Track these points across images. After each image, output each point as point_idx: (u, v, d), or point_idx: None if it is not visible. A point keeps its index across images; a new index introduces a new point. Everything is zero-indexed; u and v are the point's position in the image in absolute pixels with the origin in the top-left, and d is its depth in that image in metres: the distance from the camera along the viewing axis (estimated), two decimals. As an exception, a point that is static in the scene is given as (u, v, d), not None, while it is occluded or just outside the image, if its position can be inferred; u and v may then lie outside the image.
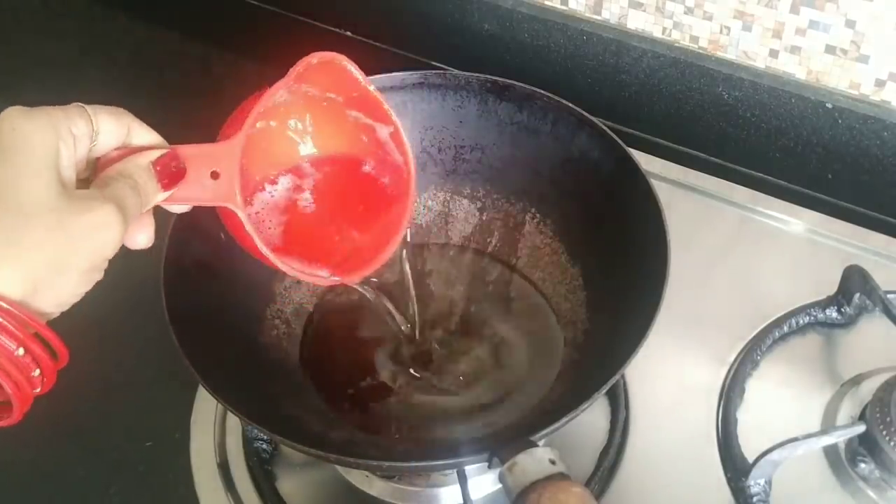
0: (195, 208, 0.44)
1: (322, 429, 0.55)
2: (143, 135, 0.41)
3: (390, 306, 0.56)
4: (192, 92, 0.91)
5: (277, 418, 0.53)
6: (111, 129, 0.39)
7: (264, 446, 0.58)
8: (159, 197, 0.40)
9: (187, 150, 0.41)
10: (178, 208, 0.43)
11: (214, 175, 0.42)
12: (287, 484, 0.57)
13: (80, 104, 0.39)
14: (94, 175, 0.40)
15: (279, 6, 0.97)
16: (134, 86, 0.93)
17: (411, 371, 0.59)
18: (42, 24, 1.04)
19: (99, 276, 0.37)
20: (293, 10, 0.96)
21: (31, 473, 0.59)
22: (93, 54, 0.98)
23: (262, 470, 0.57)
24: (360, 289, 0.54)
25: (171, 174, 0.40)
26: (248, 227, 0.42)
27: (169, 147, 0.41)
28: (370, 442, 0.55)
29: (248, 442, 0.58)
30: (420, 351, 0.59)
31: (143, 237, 0.41)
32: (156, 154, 0.40)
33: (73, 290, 0.36)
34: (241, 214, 0.42)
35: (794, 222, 0.69)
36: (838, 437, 0.54)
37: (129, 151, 0.40)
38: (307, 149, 0.51)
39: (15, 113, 0.36)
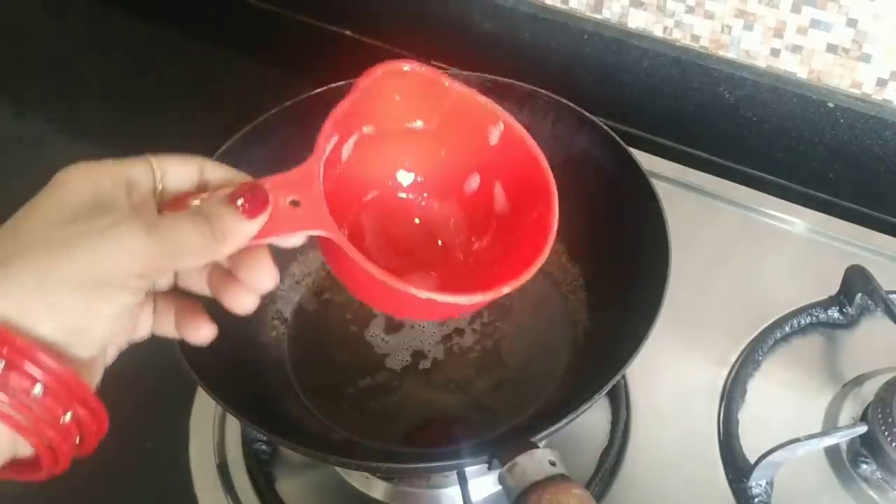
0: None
1: (321, 430, 0.55)
2: (220, 172, 0.39)
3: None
4: (192, 92, 0.91)
5: (276, 419, 0.53)
6: (178, 171, 0.38)
7: (263, 447, 0.58)
8: (247, 229, 0.37)
9: (265, 182, 0.38)
10: (285, 242, 0.39)
11: (294, 203, 0.38)
12: (286, 485, 0.57)
13: (146, 155, 0.38)
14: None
15: (279, 6, 0.97)
16: (134, 86, 0.94)
17: (410, 371, 0.58)
18: (42, 24, 1.04)
19: (120, 296, 0.33)
20: (293, 9, 0.96)
21: (30, 474, 0.59)
22: (93, 54, 0.98)
23: (262, 471, 0.57)
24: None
25: (251, 202, 0.37)
26: (348, 250, 0.38)
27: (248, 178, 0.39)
28: (369, 443, 0.54)
29: (247, 443, 0.58)
30: (419, 351, 0.59)
31: (264, 277, 0.38)
32: (230, 188, 0.37)
33: (87, 310, 0.32)
34: (335, 237, 0.38)
35: (796, 222, 0.69)
36: (840, 438, 0.54)
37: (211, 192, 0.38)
38: (406, 165, 0.48)
39: (71, 166, 0.35)
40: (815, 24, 0.67)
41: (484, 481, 0.54)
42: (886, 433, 0.52)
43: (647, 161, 0.66)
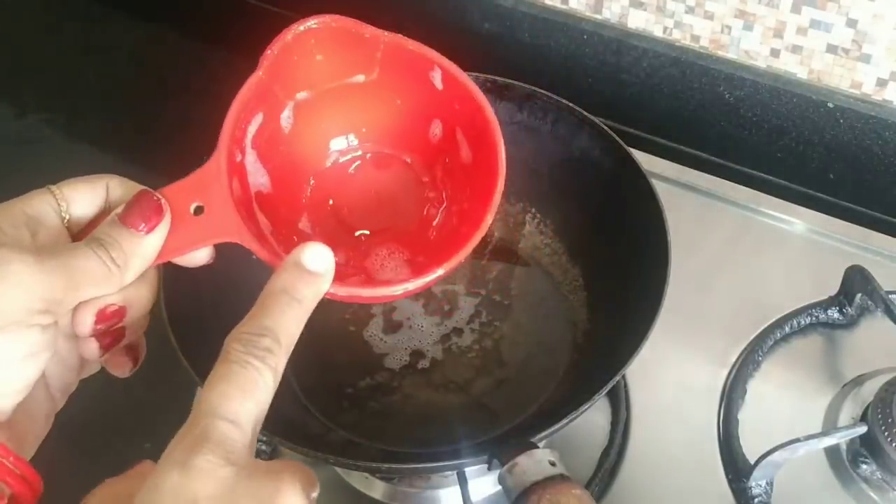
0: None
1: (321, 430, 0.55)
2: (121, 190, 0.36)
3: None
4: (191, 92, 0.91)
5: (276, 419, 0.53)
6: (83, 196, 0.36)
7: (263, 447, 0.58)
8: (147, 245, 0.35)
9: (162, 190, 0.35)
10: (193, 260, 0.37)
11: (199, 211, 0.35)
12: (286, 485, 0.57)
13: (48, 186, 0.35)
14: None
15: (279, 6, 0.97)
16: (134, 86, 0.93)
17: (410, 371, 0.58)
18: (42, 24, 1.04)
19: (27, 335, 0.31)
20: (293, 9, 0.95)
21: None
22: (93, 54, 0.98)
23: (262, 471, 0.57)
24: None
25: (144, 215, 0.34)
26: (258, 253, 0.35)
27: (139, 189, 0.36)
28: (369, 443, 0.54)
29: (247, 443, 0.58)
30: (418, 351, 0.59)
31: (144, 293, 0.36)
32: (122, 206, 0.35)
33: None
34: (250, 246, 0.35)
35: (796, 222, 0.69)
36: (840, 438, 0.54)
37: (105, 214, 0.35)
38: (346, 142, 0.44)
39: None
40: (814, 25, 0.66)
41: (484, 481, 0.54)
42: (886, 433, 0.52)
43: (647, 161, 0.66)
